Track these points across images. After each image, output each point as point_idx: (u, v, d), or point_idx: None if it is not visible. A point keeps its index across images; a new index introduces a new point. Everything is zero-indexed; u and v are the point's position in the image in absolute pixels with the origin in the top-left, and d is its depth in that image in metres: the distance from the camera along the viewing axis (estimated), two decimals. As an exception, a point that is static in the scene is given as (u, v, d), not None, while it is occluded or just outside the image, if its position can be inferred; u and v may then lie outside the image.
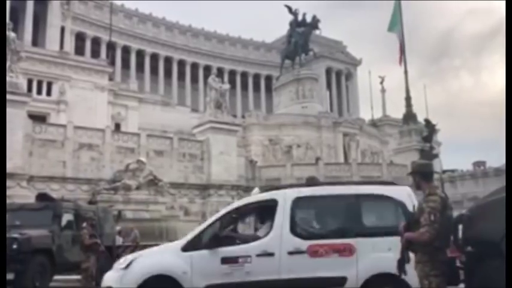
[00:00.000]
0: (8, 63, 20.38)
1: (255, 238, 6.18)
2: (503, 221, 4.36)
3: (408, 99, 35.28)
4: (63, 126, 24.57)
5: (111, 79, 40.59)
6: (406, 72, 34.13)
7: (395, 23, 34.09)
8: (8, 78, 19.77)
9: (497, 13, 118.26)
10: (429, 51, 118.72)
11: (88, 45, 53.24)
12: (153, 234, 18.26)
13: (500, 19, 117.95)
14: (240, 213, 6.62)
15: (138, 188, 22.88)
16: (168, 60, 60.40)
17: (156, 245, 7.82)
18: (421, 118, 36.19)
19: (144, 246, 14.14)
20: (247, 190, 29.54)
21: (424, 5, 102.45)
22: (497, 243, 4.41)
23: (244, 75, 66.42)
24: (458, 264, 5.09)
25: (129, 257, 6.28)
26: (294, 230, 6.01)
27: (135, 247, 13.91)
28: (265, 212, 6.46)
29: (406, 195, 6.12)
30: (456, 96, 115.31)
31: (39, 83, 35.25)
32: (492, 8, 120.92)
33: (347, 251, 5.86)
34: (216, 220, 6.33)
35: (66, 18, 48.15)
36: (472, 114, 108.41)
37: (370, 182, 30.36)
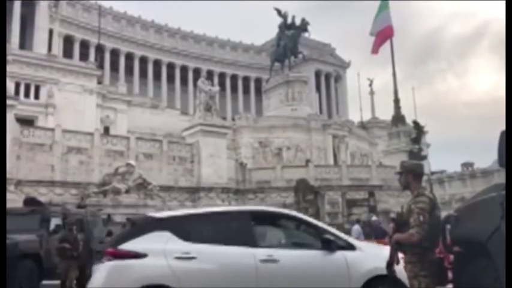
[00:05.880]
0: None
1: None
2: (490, 221, 4.40)
3: (397, 101, 35.46)
4: (52, 129, 24.34)
5: (99, 82, 40.31)
6: (394, 74, 34.30)
7: (381, 12, 33.74)
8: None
9: (480, 16, 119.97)
10: (415, 54, 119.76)
11: (76, 48, 52.94)
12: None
13: (483, 22, 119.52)
14: None
15: (127, 191, 22.76)
16: (157, 63, 60.23)
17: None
18: (409, 120, 36.44)
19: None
20: (238, 193, 29.53)
21: (408, 8, 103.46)
22: (484, 243, 4.45)
23: (233, 77, 66.43)
24: (446, 264, 5.13)
25: None
26: None
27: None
28: None
29: None
30: (443, 98, 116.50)
31: (27, 86, 34.88)
32: (474, 11, 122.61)
33: None
34: None
35: (54, 20, 47.78)
36: (459, 115, 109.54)
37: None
